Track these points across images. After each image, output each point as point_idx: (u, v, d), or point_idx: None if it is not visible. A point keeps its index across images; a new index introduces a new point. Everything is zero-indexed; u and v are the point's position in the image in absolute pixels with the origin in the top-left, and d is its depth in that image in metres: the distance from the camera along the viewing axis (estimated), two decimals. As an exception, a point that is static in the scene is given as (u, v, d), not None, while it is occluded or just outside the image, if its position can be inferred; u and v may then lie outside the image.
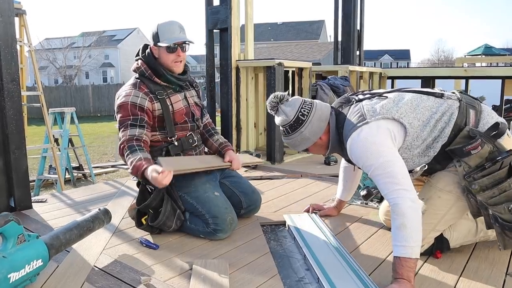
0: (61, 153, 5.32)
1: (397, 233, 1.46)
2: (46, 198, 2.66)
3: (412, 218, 1.45)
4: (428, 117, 1.65)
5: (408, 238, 1.43)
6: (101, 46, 38.01)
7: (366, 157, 1.57)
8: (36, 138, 8.54)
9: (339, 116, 1.76)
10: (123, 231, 2.07)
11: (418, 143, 1.65)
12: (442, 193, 1.65)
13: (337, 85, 4.57)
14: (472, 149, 1.56)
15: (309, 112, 1.74)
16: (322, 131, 1.76)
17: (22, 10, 4.43)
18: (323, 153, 1.87)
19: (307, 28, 35.82)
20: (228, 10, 3.75)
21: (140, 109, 1.98)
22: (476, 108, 1.68)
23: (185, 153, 2.12)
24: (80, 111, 18.36)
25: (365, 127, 1.61)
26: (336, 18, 6.04)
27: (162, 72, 2.06)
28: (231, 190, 2.18)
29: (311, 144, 1.78)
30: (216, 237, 1.92)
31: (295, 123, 1.74)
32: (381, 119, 1.62)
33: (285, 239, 1.99)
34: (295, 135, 1.76)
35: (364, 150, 1.58)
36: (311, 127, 1.74)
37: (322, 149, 1.83)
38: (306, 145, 1.79)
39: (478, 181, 1.54)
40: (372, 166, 1.56)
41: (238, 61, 3.91)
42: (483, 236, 1.76)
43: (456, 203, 1.64)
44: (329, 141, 1.78)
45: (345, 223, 2.16)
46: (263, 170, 3.50)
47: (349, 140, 1.63)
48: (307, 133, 1.74)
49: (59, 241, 1.58)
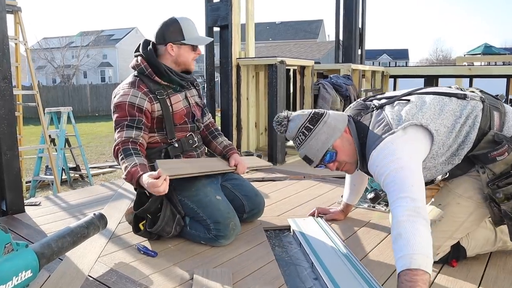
0: (57, 153, 5.22)
1: (395, 246, 1.28)
2: (40, 201, 2.56)
3: (408, 227, 1.26)
4: (453, 122, 1.51)
5: (403, 247, 1.24)
6: (99, 46, 37.84)
7: (381, 166, 1.44)
8: (33, 138, 8.42)
9: (358, 125, 1.62)
10: (120, 236, 1.97)
11: (443, 151, 1.51)
12: (461, 199, 1.55)
13: (339, 84, 4.48)
14: (498, 155, 1.44)
15: (324, 113, 1.64)
16: (345, 124, 1.61)
17: (17, 7, 4.32)
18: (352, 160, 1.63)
19: (306, 27, 35.72)
20: (228, 6, 3.65)
21: (138, 109, 1.88)
22: (500, 110, 1.55)
23: (186, 154, 2.02)
24: (78, 110, 18.25)
25: (391, 137, 1.46)
26: (337, 15, 5.94)
27: (165, 70, 1.96)
28: (233, 193, 2.08)
29: (339, 135, 1.59)
30: (218, 244, 1.82)
31: (315, 115, 1.61)
32: (408, 126, 1.47)
33: (291, 245, 1.89)
34: (319, 127, 1.59)
35: (381, 159, 1.44)
36: (333, 117, 1.62)
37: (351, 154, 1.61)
38: (336, 136, 1.58)
39: (503, 189, 1.42)
40: (383, 174, 1.42)
41: (239, 59, 3.81)
42: (501, 246, 1.66)
43: (476, 210, 1.54)
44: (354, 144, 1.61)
45: (352, 227, 2.06)
46: (264, 172, 3.39)
47: (373, 156, 1.48)
48: (332, 122, 1.60)
49: (51, 249, 1.47)
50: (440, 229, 1.54)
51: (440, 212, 1.56)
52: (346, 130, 1.62)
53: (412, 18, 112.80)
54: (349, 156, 1.63)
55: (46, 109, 5.27)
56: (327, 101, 4.32)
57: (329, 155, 1.61)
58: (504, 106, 1.59)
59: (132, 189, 2.55)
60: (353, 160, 1.64)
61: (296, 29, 35.69)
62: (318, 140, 1.60)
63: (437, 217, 1.56)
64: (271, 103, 3.69)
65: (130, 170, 1.73)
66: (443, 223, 1.54)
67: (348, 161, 1.65)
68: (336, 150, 1.61)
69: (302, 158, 1.68)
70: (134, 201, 1.92)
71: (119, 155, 1.80)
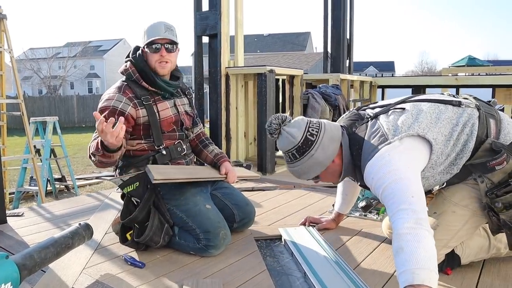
0: (42, 164, 5.10)
1: (396, 260, 1.23)
2: (23, 212, 2.48)
3: (410, 240, 1.22)
4: (450, 130, 1.48)
5: (405, 261, 1.19)
6: (87, 57, 37.66)
7: (377, 178, 1.39)
8: (17, 149, 8.26)
9: (353, 137, 1.57)
10: (106, 247, 1.90)
11: (441, 160, 1.48)
12: (457, 207, 1.53)
13: (328, 94, 4.49)
14: (496, 165, 1.41)
15: (318, 132, 1.55)
16: (336, 153, 1.56)
17: (3, 14, 4.25)
18: (335, 180, 1.65)
19: (294, 39, 36.04)
20: (217, 15, 3.64)
21: (120, 114, 1.83)
22: (495, 117, 1.53)
23: (174, 162, 1.97)
24: (65, 121, 18.05)
25: (388, 147, 1.43)
26: (325, 26, 5.99)
27: (152, 76, 1.92)
28: (223, 202, 2.03)
29: (324, 168, 1.57)
30: (208, 254, 1.77)
31: (303, 145, 1.54)
32: (405, 137, 1.44)
33: (282, 255, 1.85)
34: (304, 159, 1.55)
35: (377, 170, 1.40)
36: (322, 148, 1.54)
37: (335, 176, 1.63)
38: (318, 170, 1.57)
39: (502, 198, 1.40)
40: (381, 187, 1.37)
41: (228, 68, 3.79)
42: (495, 253, 1.64)
43: (471, 219, 1.52)
44: (342, 165, 1.59)
45: (344, 236, 2.03)
46: (254, 181, 3.35)
47: (369, 164, 1.45)
48: (318, 156, 1.54)
49: (33, 260, 1.41)
50: (436, 238, 1.51)
51: (436, 220, 1.54)
52: (335, 160, 1.58)
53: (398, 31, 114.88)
54: (332, 176, 1.64)
55: (31, 118, 5.17)
56: (317, 110, 4.32)
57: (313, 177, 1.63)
58: (499, 113, 1.57)
59: (119, 200, 2.49)
60: (335, 178, 1.65)
61: (284, 41, 35.99)
62: (304, 168, 1.58)
63: (432, 226, 1.53)
64: (261, 113, 3.67)
65: (93, 144, 1.74)
66: (438, 232, 1.51)
67: (330, 179, 1.67)
68: (320, 176, 1.63)
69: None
70: (121, 210, 1.86)
71: (90, 148, 1.78)
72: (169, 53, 1.93)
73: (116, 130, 1.56)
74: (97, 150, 1.69)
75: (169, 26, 1.94)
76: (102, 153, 1.68)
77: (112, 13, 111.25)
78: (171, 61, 1.95)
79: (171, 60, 1.95)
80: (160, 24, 1.92)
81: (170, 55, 1.94)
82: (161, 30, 1.90)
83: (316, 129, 1.56)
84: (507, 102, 4.98)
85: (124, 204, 1.87)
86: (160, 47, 1.90)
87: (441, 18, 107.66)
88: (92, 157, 1.78)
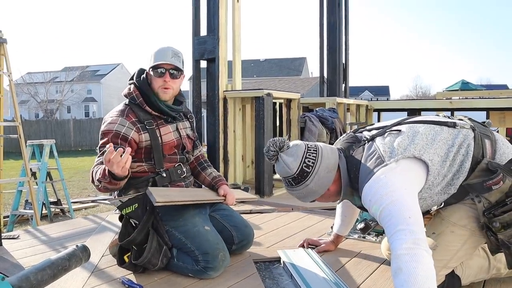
0: (38, 187, 5.06)
1: (395, 281, 1.25)
2: (19, 235, 2.45)
3: (408, 261, 1.23)
4: (446, 150, 1.51)
5: (404, 282, 1.20)
6: (84, 81, 37.94)
7: (374, 200, 1.41)
8: (12, 173, 8.21)
9: (350, 160, 1.59)
10: (103, 270, 1.88)
11: (438, 181, 1.50)
12: (455, 227, 1.53)
13: (325, 117, 4.53)
14: (493, 184, 1.42)
15: (314, 163, 1.56)
16: (330, 182, 1.58)
17: (3, 39, 4.29)
18: (333, 200, 1.69)
19: (289, 64, 36.55)
20: (215, 40, 3.71)
21: (123, 138, 1.84)
22: (490, 138, 1.56)
23: (174, 184, 1.97)
24: (61, 145, 17.99)
25: (384, 169, 1.45)
26: (321, 52, 6.11)
27: (155, 100, 1.94)
28: (222, 224, 2.03)
29: (319, 196, 1.61)
30: (207, 276, 1.75)
31: (299, 176, 1.56)
32: (401, 158, 1.46)
33: (281, 277, 1.83)
34: (300, 187, 1.58)
35: (374, 192, 1.42)
36: (317, 179, 1.56)
37: (332, 198, 1.66)
38: (313, 197, 1.61)
39: (499, 217, 1.40)
40: (378, 209, 1.39)
41: (226, 92, 3.83)
42: (495, 274, 1.63)
43: (470, 239, 1.53)
44: (339, 190, 1.61)
45: (344, 258, 2.01)
46: (252, 204, 3.34)
47: (366, 187, 1.47)
48: (313, 186, 1.57)
49: (29, 283, 1.39)
50: (435, 258, 1.50)
51: (434, 241, 1.54)
52: (330, 188, 1.60)
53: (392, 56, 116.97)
54: (329, 199, 1.67)
55: (28, 141, 5.16)
56: (314, 133, 4.35)
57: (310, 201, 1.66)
58: (494, 133, 1.60)
59: (116, 222, 2.48)
60: (332, 200, 1.68)
61: (280, 66, 36.48)
62: (300, 194, 1.61)
63: (431, 246, 1.53)
64: (258, 136, 3.69)
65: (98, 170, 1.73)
66: (437, 252, 1.51)
67: (328, 200, 1.69)
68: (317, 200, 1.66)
69: None
70: (119, 232, 1.85)
71: (93, 174, 1.77)
72: (173, 79, 1.94)
73: (123, 161, 1.56)
74: (103, 177, 1.68)
75: (177, 52, 1.97)
76: (109, 180, 1.67)
77: (109, 38, 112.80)
78: (173, 87, 1.96)
79: (174, 86, 1.97)
80: (168, 49, 1.95)
81: (174, 81, 1.95)
82: (168, 55, 1.93)
83: (313, 160, 1.56)
84: (501, 125, 5.04)
85: (122, 225, 1.86)
86: (165, 72, 1.92)
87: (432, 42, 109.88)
88: (96, 182, 1.76)
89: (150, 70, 1.95)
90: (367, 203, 1.47)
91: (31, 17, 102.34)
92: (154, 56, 1.95)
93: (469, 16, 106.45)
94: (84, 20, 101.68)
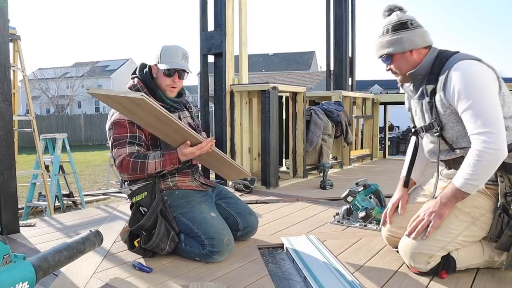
0: (51, 179, 5.21)
1: (462, 167, 1.55)
2: (35, 223, 2.57)
3: (479, 158, 1.49)
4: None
5: (463, 172, 1.53)
6: (94, 76, 38.23)
7: (467, 89, 1.54)
8: (25, 167, 8.40)
9: (443, 51, 1.72)
10: (115, 254, 1.98)
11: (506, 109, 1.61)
12: (460, 212, 1.62)
13: (331, 110, 4.59)
14: None
15: (416, 25, 1.71)
16: (417, 47, 1.70)
17: (17, 35, 4.43)
18: (404, 71, 1.75)
19: (298, 58, 36.45)
20: (222, 35, 3.79)
21: (138, 126, 1.94)
22: None
23: (180, 172, 2.06)
24: (72, 140, 18.24)
25: (479, 63, 1.59)
26: (328, 46, 6.14)
27: (159, 93, 2.04)
28: (227, 212, 2.12)
29: (401, 50, 1.71)
30: (212, 260, 1.85)
31: (399, 25, 1.71)
32: (488, 67, 1.61)
33: (284, 262, 1.92)
34: (394, 34, 1.71)
35: (470, 81, 1.54)
36: (411, 35, 1.70)
37: (407, 65, 1.74)
38: (396, 49, 1.71)
39: None
40: (465, 103, 1.54)
41: (233, 86, 3.91)
42: (488, 261, 1.69)
43: (471, 227, 1.62)
44: (416, 63, 1.71)
45: (345, 245, 2.09)
46: (258, 194, 3.43)
47: (459, 65, 1.59)
48: (404, 38, 1.70)
49: (48, 263, 1.49)
50: (435, 238, 1.60)
51: None
52: (413, 52, 1.71)
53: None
54: (402, 65, 1.75)
55: (41, 135, 5.30)
56: (319, 126, 4.42)
57: (384, 59, 1.77)
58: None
59: (127, 211, 2.58)
60: (404, 68, 1.75)
61: (289, 60, 36.40)
62: (387, 42, 1.74)
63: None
64: (264, 129, 3.77)
65: (164, 158, 1.89)
66: (439, 233, 1.60)
67: (400, 66, 1.76)
68: (393, 60, 1.75)
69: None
70: (130, 219, 1.95)
71: (133, 165, 1.88)
72: (181, 79, 2.08)
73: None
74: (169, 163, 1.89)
75: (185, 53, 2.07)
76: (177, 166, 1.91)
77: (119, 33, 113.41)
78: (180, 86, 2.10)
79: (180, 85, 2.11)
80: (178, 50, 2.04)
81: (181, 81, 2.09)
82: (178, 57, 2.03)
83: (416, 24, 1.72)
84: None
85: (132, 213, 1.96)
86: (174, 73, 2.03)
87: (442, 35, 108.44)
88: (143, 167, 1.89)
89: (161, 69, 2.02)
90: (454, 86, 1.58)
91: (42, 14, 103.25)
92: (164, 55, 2.03)
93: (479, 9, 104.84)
94: (94, 16, 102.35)
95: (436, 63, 1.69)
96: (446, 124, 1.67)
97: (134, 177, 1.93)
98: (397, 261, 1.84)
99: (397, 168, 5.00)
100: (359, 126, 5.67)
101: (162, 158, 1.89)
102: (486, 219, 1.61)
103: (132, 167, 1.88)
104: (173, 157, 1.88)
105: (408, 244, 1.67)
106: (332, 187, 3.69)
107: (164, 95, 2.06)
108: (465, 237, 1.62)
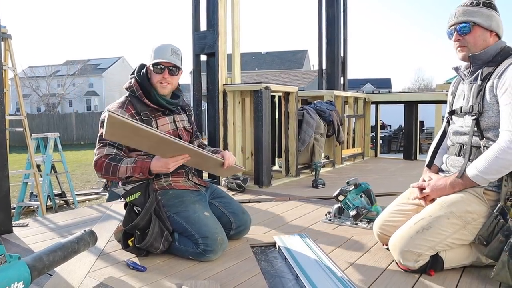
0: (43, 179, 5.19)
1: (479, 158, 1.64)
2: (28, 223, 2.57)
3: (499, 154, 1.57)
4: None
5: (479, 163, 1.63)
6: (86, 75, 37.99)
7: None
8: (16, 166, 8.34)
9: (509, 46, 1.77)
10: (109, 254, 2.00)
11: None
12: (452, 215, 1.66)
13: (323, 109, 4.63)
14: None
15: (498, 13, 1.76)
16: (498, 31, 1.76)
17: (8, 34, 4.41)
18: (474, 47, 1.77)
19: (291, 57, 36.51)
20: (215, 35, 3.80)
21: None
22: None
23: (174, 173, 2.08)
24: (63, 138, 18.05)
25: None
26: (320, 45, 6.18)
27: (153, 94, 2.06)
28: (220, 211, 2.14)
29: (486, 26, 1.73)
30: (206, 258, 1.87)
31: (490, 4, 1.75)
32: None
33: (276, 260, 1.95)
34: (484, 8, 1.75)
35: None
36: (499, 19, 1.75)
37: (480, 43, 1.75)
38: (483, 21, 1.73)
39: None
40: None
41: (225, 85, 3.93)
42: (475, 262, 1.74)
43: (460, 230, 1.66)
44: (488, 45, 1.74)
45: (336, 243, 2.13)
46: (251, 194, 3.46)
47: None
48: (494, 17, 1.74)
49: (42, 262, 1.51)
50: (425, 237, 1.64)
51: (430, 222, 1.67)
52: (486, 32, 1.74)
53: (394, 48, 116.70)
54: (472, 41, 1.76)
55: (32, 135, 5.28)
56: (311, 125, 4.46)
57: (464, 26, 1.77)
58: None
59: (120, 211, 2.59)
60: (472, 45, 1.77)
61: (282, 59, 36.44)
62: (478, 11, 1.75)
63: (425, 226, 1.66)
64: (257, 128, 3.79)
65: (136, 165, 1.88)
66: (429, 233, 1.64)
67: (468, 47, 1.78)
68: (471, 30, 1.75)
69: None
70: (124, 218, 1.97)
71: (106, 166, 1.90)
72: (172, 75, 2.06)
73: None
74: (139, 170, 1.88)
75: (176, 50, 2.07)
76: (146, 175, 1.90)
77: (111, 32, 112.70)
78: (172, 83, 2.09)
79: (173, 82, 2.09)
80: (167, 47, 2.06)
81: (172, 78, 2.07)
82: (167, 53, 2.04)
83: (498, 13, 1.78)
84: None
85: (126, 212, 1.97)
86: (164, 69, 2.04)
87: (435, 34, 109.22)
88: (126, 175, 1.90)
89: (150, 66, 2.05)
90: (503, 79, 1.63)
91: (32, 11, 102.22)
92: (155, 52, 2.06)
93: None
94: (85, 14, 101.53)
95: (500, 53, 1.74)
96: (486, 112, 1.70)
97: (106, 178, 1.97)
98: (387, 258, 1.88)
99: (388, 166, 5.09)
100: (350, 125, 5.72)
101: (134, 164, 1.88)
102: (478, 224, 1.65)
103: (105, 168, 1.91)
104: (144, 166, 1.87)
105: (398, 241, 1.71)
106: (324, 186, 3.73)
107: (159, 95, 2.06)
108: (454, 240, 1.67)
